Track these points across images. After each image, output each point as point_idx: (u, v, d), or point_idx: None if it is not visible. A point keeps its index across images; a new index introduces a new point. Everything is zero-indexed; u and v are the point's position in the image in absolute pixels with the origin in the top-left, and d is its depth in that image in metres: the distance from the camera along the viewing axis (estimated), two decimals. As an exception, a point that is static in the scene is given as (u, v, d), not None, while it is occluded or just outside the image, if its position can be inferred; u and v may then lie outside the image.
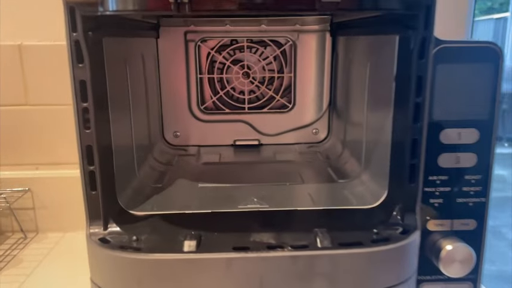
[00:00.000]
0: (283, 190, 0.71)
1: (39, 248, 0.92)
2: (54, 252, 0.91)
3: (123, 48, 0.68)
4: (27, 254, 0.90)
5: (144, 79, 0.81)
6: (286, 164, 0.86)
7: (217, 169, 0.84)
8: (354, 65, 0.81)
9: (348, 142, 0.85)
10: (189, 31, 0.92)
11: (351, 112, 0.83)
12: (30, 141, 0.97)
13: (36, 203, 0.98)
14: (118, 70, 0.66)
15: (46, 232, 0.98)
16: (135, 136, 0.72)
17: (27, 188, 0.96)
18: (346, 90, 0.85)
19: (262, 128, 0.94)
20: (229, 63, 0.91)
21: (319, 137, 0.99)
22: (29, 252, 0.91)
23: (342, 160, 0.84)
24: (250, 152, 0.91)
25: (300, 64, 0.94)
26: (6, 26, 0.93)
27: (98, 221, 0.56)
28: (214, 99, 0.93)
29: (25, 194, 0.96)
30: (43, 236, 0.97)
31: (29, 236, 0.97)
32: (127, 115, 0.69)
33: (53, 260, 0.87)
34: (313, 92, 0.96)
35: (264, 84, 0.92)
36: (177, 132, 0.96)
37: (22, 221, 0.97)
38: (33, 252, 0.90)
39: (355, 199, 0.66)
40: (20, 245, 0.93)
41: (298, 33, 0.93)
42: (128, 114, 0.70)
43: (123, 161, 0.65)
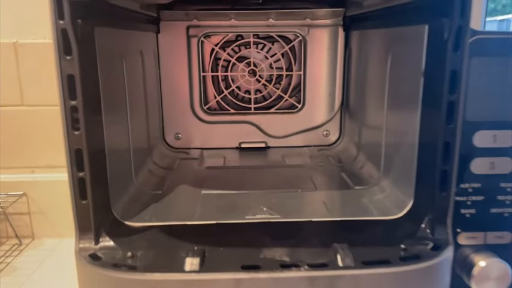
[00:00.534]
0: (295, 198, 0.65)
1: (34, 255, 0.87)
2: (50, 259, 0.86)
3: (119, 41, 0.62)
4: (22, 261, 0.85)
5: (143, 77, 0.76)
6: (296, 169, 0.80)
7: (222, 174, 0.78)
8: (370, 61, 0.75)
9: (363, 145, 0.79)
10: (191, 26, 0.86)
11: (367, 112, 0.76)
12: (25, 143, 0.92)
13: (32, 207, 0.93)
14: (113, 65, 0.59)
15: (42, 238, 0.93)
16: (132, 138, 0.65)
17: (23, 192, 0.92)
18: (361, 88, 0.79)
19: (269, 129, 0.89)
20: (234, 60, 0.86)
21: (330, 139, 0.93)
22: (24, 260, 0.86)
23: (357, 164, 0.78)
24: (256, 155, 0.87)
25: (310, 61, 0.88)
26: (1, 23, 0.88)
27: (89, 234, 0.50)
28: (218, 98, 0.88)
29: (20, 198, 0.91)
30: (39, 243, 0.92)
31: (24, 242, 0.92)
32: (123, 115, 0.63)
33: (50, 268, 0.82)
34: (324, 91, 0.90)
35: (271, 83, 0.87)
36: (179, 134, 0.90)
37: (17, 226, 0.92)
38: (28, 260, 0.86)
39: (375, 209, 0.59)
40: (15, 252, 0.88)
41: (309, 28, 0.87)
42: (125, 114, 0.64)
43: (118, 165, 0.59)
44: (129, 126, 0.65)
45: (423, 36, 0.52)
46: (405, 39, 0.58)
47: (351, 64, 0.86)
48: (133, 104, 0.67)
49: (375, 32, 0.72)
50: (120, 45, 0.62)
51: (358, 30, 0.81)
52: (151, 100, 0.81)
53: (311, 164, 0.83)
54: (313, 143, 0.92)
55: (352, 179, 0.72)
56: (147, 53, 0.79)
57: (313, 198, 0.66)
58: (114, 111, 0.59)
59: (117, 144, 0.60)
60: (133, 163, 0.66)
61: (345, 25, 0.86)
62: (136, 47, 0.72)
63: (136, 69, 0.72)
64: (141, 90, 0.75)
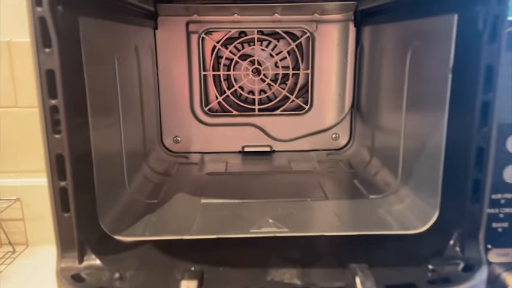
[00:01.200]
0: (304, 208, 0.59)
1: (28, 263, 0.84)
2: (45, 267, 0.82)
3: (111, 35, 0.56)
4: (15, 269, 0.82)
5: (139, 75, 0.70)
6: (304, 175, 0.74)
7: (223, 181, 0.72)
8: (385, 59, 0.69)
9: (377, 149, 0.73)
10: (191, 21, 0.81)
11: (382, 114, 0.70)
12: (19, 146, 0.87)
13: (26, 213, 0.89)
14: (103, 62, 0.54)
15: (36, 245, 0.90)
16: (125, 142, 0.60)
17: (16, 197, 0.88)
18: (375, 88, 0.73)
19: (274, 132, 0.85)
20: (237, 58, 0.82)
21: (339, 142, 0.87)
22: (17, 268, 0.83)
23: (371, 170, 0.72)
24: (261, 160, 0.83)
25: (318, 59, 0.83)
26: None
27: (72, 251, 0.44)
28: (220, 99, 0.84)
29: (14, 203, 0.88)
30: (33, 250, 0.89)
31: (17, 249, 0.89)
32: (115, 116, 0.58)
33: (44, 277, 0.78)
34: (334, 92, 0.85)
35: (276, 83, 0.83)
36: (178, 137, 0.85)
37: (10, 233, 0.89)
38: (22, 268, 0.82)
39: (395, 221, 0.53)
40: (8, 260, 0.85)
41: (317, 24, 0.82)
42: (116, 115, 0.58)
43: (108, 172, 0.53)
44: (121, 129, 0.59)
45: (451, 28, 0.46)
46: (428, 33, 0.52)
47: (362, 62, 0.80)
48: (126, 104, 0.62)
49: (391, 27, 0.66)
50: (111, 40, 0.57)
51: (371, 26, 0.76)
52: (147, 100, 0.75)
53: (320, 169, 0.77)
54: (322, 147, 0.86)
55: (365, 186, 0.66)
56: (143, 50, 0.73)
57: (324, 208, 0.60)
58: (103, 112, 0.53)
59: (107, 149, 0.54)
60: (126, 169, 0.60)
61: (356, 20, 0.80)
62: (130, 42, 0.66)
63: (131, 67, 0.66)
64: (136, 90, 0.69)
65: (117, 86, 0.58)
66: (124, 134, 0.60)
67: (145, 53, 0.76)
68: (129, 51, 0.66)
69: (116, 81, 0.58)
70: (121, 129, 0.59)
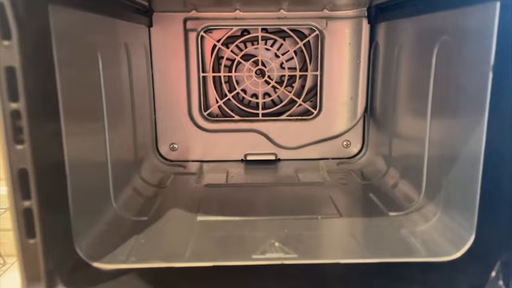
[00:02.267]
0: (315, 227, 0.52)
1: None
2: None
3: (93, 30, 0.50)
4: (6, 283, 0.79)
5: (130, 76, 0.63)
6: (313, 187, 0.67)
7: (223, 194, 0.65)
8: (404, 58, 0.62)
9: (395, 158, 0.66)
10: (189, 18, 0.75)
11: (401, 119, 0.63)
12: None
13: None
14: (83, 60, 0.47)
15: None
16: (112, 151, 0.53)
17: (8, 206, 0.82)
18: (392, 91, 0.66)
19: (279, 139, 0.79)
20: (239, 58, 0.77)
21: (351, 150, 0.81)
22: (8, 282, 0.79)
23: (388, 182, 0.65)
24: (265, 170, 0.77)
25: (328, 60, 0.77)
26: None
27: (38, 283, 0.36)
28: (221, 103, 0.79)
29: (5, 212, 0.84)
30: None
31: (8, 261, 0.86)
32: (99, 122, 0.51)
33: None
34: (345, 95, 0.78)
35: (282, 85, 0.78)
36: (174, 144, 0.79)
37: (1, 243, 0.86)
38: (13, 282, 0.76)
39: (421, 244, 0.46)
40: None
41: (327, 21, 0.75)
42: (101, 120, 0.51)
43: (88, 186, 0.46)
44: (106, 136, 0.52)
45: (492, 19, 0.39)
46: (461, 26, 0.45)
47: (377, 62, 0.74)
48: (114, 108, 0.55)
49: (412, 21, 0.59)
50: (94, 35, 0.50)
51: (387, 22, 0.69)
52: (140, 104, 0.69)
53: (330, 181, 0.70)
54: (331, 155, 0.80)
55: (383, 201, 0.59)
56: (135, 48, 0.66)
57: (338, 228, 0.52)
58: (83, 117, 0.46)
59: (88, 159, 0.47)
60: (113, 182, 0.53)
61: (370, 16, 0.74)
62: (119, 40, 0.60)
63: (119, 67, 0.59)
64: (127, 92, 0.62)
65: (102, 87, 0.51)
66: (110, 142, 0.53)
67: (138, 52, 0.69)
68: (118, 49, 0.59)
69: (100, 82, 0.51)
70: (106, 136, 0.52)
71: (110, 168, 0.53)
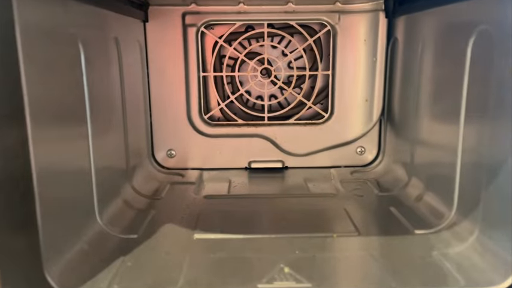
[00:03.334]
0: (330, 248, 0.45)
1: None
2: None
3: (73, 21, 0.43)
4: None
5: (120, 75, 0.57)
6: (326, 200, 0.60)
7: (225, 207, 0.59)
8: (428, 54, 0.55)
9: (418, 167, 0.59)
10: (188, 12, 0.69)
11: (424, 123, 0.57)
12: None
13: None
14: (59, 55, 0.40)
15: None
16: (97, 158, 0.47)
17: None
18: (414, 91, 0.59)
19: (287, 145, 0.73)
20: (243, 57, 0.72)
21: (365, 157, 0.75)
22: None
23: (411, 194, 0.58)
24: (271, 179, 0.71)
25: (341, 58, 0.71)
26: None
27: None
28: (223, 105, 0.73)
29: None
30: None
31: None
32: (80, 126, 0.44)
33: None
34: (360, 96, 0.72)
35: (290, 86, 0.73)
36: (172, 150, 0.74)
37: None
38: None
39: (457, 271, 0.39)
40: None
41: (340, 15, 0.70)
42: (83, 125, 0.45)
43: (66, 200, 0.40)
44: (90, 142, 0.46)
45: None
46: (503, 10, 0.38)
47: (396, 60, 0.68)
48: (100, 111, 0.49)
49: (438, 13, 0.53)
50: (74, 27, 0.43)
51: (408, 15, 0.63)
52: (134, 106, 0.63)
53: (345, 192, 0.63)
54: (344, 162, 0.74)
55: (407, 216, 0.52)
56: (128, 44, 0.61)
57: (356, 248, 0.45)
58: (59, 121, 0.40)
59: (64, 169, 0.40)
60: (97, 193, 0.47)
61: (388, 9, 0.68)
62: (108, 33, 0.54)
63: (108, 65, 0.53)
64: (117, 93, 0.56)
65: (84, 87, 0.45)
66: (95, 149, 0.47)
67: (131, 49, 0.63)
68: (106, 44, 0.53)
69: (82, 81, 0.44)
70: (90, 142, 0.46)
71: (95, 178, 0.47)
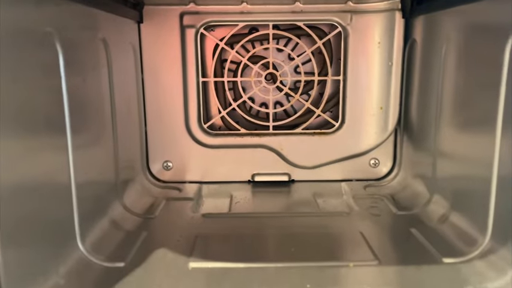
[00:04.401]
0: (346, 280, 0.38)
1: None
2: None
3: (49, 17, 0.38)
4: None
5: (110, 80, 0.52)
6: (338, 219, 0.55)
7: (225, 227, 0.53)
8: (454, 58, 0.51)
9: (441, 182, 0.54)
10: (186, 12, 0.65)
11: (450, 132, 0.52)
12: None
13: None
14: (28, 56, 0.34)
15: None
16: (78, 172, 0.42)
17: None
18: (436, 98, 0.55)
19: (294, 156, 0.69)
20: (246, 61, 0.67)
21: (379, 170, 0.70)
22: None
23: (433, 214, 0.52)
24: (276, 194, 0.67)
25: (353, 62, 0.66)
26: None
27: None
28: (224, 113, 0.69)
29: None
30: None
31: None
32: (57, 137, 0.39)
33: None
34: (374, 104, 0.67)
35: (297, 93, 0.68)
36: (169, 162, 0.70)
37: None
38: None
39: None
40: None
41: (352, 15, 0.65)
42: (60, 135, 0.40)
43: (35, 222, 0.34)
44: (69, 154, 0.40)
45: None
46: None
47: (414, 64, 0.62)
48: (84, 119, 0.45)
49: (466, 11, 0.47)
50: (50, 24, 0.38)
51: (428, 14, 0.58)
52: (126, 114, 0.59)
53: (359, 210, 0.57)
54: (356, 176, 0.70)
55: (432, 241, 0.46)
56: (119, 46, 0.56)
57: (378, 282, 0.39)
58: (28, 131, 0.34)
59: (35, 186, 0.35)
60: (79, 213, 0.42)
61: (405, 8, 0.62)
62: (94, 33, 0.48)
63: (95, 68, 0.49)
64: (105, 99, 0.52)
65: (63, 92, 0.39)
66: (76, 161, 0.42)
67: (124, 51, 0.59)
68: (92, 45, 0.48)
69: (60, 86, 0.39)
70: (69, 154, 0.41)
71: (75, 196, 0.41)
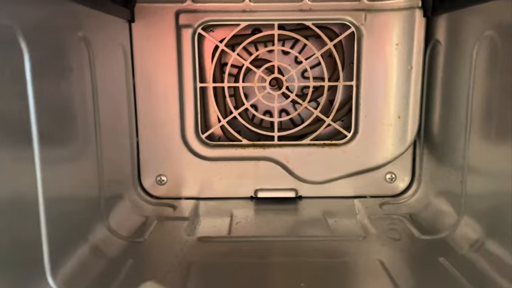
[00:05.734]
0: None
1: None
2: None
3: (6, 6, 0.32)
4: None
5: (93, 85, 0.47)
6: (353, 245, 0.50)
7: (224, 255, 0.47)
8: (488, 61, 0.44)
9: (472, 202, 0.48)
10: (183, 10, 0.61)
11: (483, 145, 0.46)
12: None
13: None
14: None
15: None
16: (49, 190, 0.36)
17: None
18: (464, 106, 0.49)
19: (301, 170, 0.65)
20: (248, 64, 0.63)
21: (396, 186, 0.65)
22: None
23: (464, 239, 0.47)
24: (282, 212, 0.61)
25: (367, 65, 0.61)
26: None
27: None
28: (224, 122, 0.65)
29: None
30: None
31: None
32: (21, 149, 0.34)
33: None
34: (391, 113, 0.62)
35: (305, 100, 0.64)
36: (162, 176, 0.65)
37: None
38: None
39: None
40: None
41: (366, 14, 0.60)
42: (26, 147, 0.34)
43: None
44: (37, 169, 0.35)
45: None
46: None
47: (436, 68, 0.57)
48: (56, 129, 0.39)
49: (501, 8, 0.41)
50: (11, 16, 0.32)
51: (454, 12, 0.52)
52: (112, 123, 0.53)
53: (376, 233, 0.52)
54: (370, 192, 0.65)
55: (467, 275, 0.40)
56: (105, 47, 0.52)
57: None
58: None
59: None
60: (50, 240, 0.36)
61: (427, 6, 0.57)
62: (72, 31, 0.43)
63: (72, 71, 0.43)
64: (88, 106, 0.47)
65: (30, 98, 0.33)
66: (46, 177, 0.36)
67: (112, 53, 0.54)
68: (69, 45, 0.43)
69: (26, 90, 0.33)
70: (37, 169, 0.35)
71: (44, 217, 0.37)
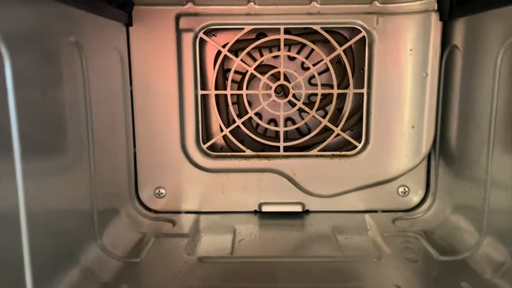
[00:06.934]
0: None
1: None
2: None
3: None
4: None
5: (85, 92, 0.45)
6: (367, 266, 0.47)
7: (226, 276, 0.44)
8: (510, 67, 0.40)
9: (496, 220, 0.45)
10: (183, 14, 0.59)
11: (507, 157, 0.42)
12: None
13: None
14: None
15: None
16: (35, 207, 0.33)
17: None
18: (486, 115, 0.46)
19: (308, 183, 0.63)
20: (252, 70, 0.62)
21: (409, 200, 0.63)
22: None
23: (487, 261, 0.44)
24: (288, 228, 0.59)
25: (379, 72, 0.59)
26: None
27: None
28: (227, 131, 0.63)
29: None
30: None
31: None
32: None
33: None
34: (404, 122, 0.59)
35: (312, 108, 0.63)
36: (161, 188, 0.63)
37: None
38: None
39: None
40: None
41: (378, 17, 0.58)
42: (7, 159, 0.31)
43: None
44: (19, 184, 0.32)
45: None
46: None
47: (453, 75, 0.55)
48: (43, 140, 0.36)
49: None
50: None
51: (472, 16, 0.49)
52: (107, 132, 0.51)
53: (390, 253, 0.49)
54: (382, 206, 0.63)
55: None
56: (99, 52, 0.49)
57: None
58: None
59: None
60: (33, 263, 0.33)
61: (443, 10, 0.55)
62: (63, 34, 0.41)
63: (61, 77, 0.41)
64: (80, 115, 0.44)
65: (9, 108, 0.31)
66: (30, 192, 0.33)
67: (107, 58, 0.52)
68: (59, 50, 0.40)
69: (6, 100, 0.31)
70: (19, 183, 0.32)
71: (27, 236, 0.33)
